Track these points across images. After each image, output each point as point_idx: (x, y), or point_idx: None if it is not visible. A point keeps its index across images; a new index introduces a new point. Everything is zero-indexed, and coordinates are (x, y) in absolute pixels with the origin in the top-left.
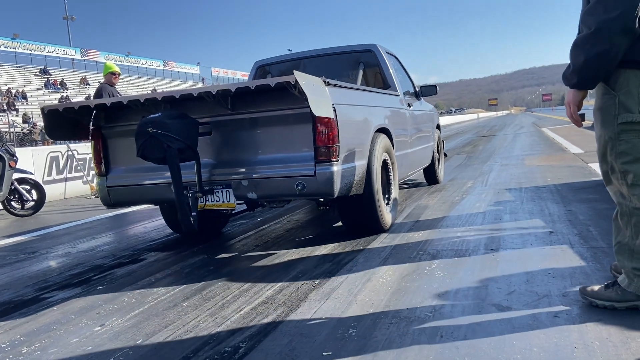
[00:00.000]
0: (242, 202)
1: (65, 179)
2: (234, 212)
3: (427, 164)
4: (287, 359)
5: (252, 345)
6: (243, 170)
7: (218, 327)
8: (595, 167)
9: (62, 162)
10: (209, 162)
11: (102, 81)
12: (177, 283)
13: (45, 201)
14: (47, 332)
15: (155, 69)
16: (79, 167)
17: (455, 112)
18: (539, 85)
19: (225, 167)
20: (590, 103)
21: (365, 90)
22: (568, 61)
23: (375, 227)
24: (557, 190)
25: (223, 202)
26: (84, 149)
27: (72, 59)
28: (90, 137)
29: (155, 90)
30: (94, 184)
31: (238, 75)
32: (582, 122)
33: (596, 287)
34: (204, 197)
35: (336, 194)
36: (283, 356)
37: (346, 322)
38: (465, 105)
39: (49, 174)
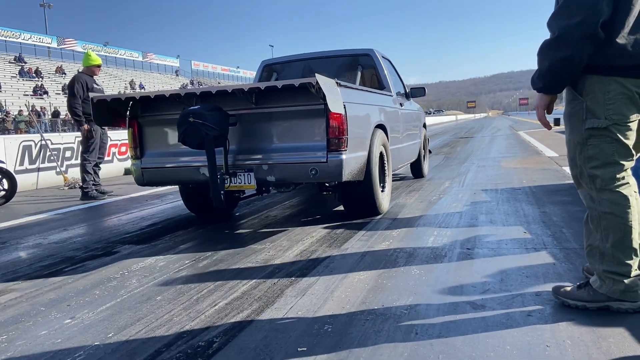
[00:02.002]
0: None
1: (38, 169)
2: (243, 195)
3: (414, 159)
4: (261, 354)
5: (227, 340)
6: (263, 156)
7: (192, 321)
8: (569, 170)
9: (35, 152)
10: (234, 148)
11: (81, 70)
12: (150, 276)
13: (17, 191)
14: (15, 324)
15: (133, 60)
16: (52, 157)
17: (434, 113)
18: (517, 89)
19: (247, 153)
20: (562, 108)
21: (367, 91)
22: None
23: (373, 210)
24: (532, 192)
25: (245, 183)
26: (58, 138)
27: (49, 47)
28: (127, 125)
29: (133, 81)
30: (70, 180)
31: (219, 69)
32: (552, 126)
33: (569, 288)
34: (229, 178)
35: (344, 179)
36: (258, 351)
37: (322, 318)
38: (444, 107)
39: (21, 164)
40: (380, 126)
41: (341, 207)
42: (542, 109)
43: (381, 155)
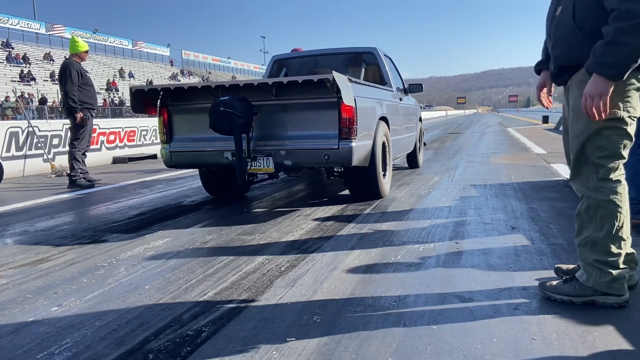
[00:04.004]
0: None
1: (25, 156)
2: (256, 179)
3: (410, 150)
4: (250, 344)
5: (215, 329)
6: (281, 143)
7: (180, 310)
8: (557, 167)
9: (22, 139)
10: (254, 135)
11: (68, 56)
12: (138, 266)
13: (3, 178)
14: (1, 311)
15: (123, 48)
16: (39, 145)
17: (424, 108)
18: (506, 86)
19: (267, 140)
20: (554, 106)
21: (373, 86)
22: (534, 64)
23: (376, 194)
24: (520, 188)
25: (264, 167)
26: (45, 126)
27: (37, 33)
28: (158, 113)
29: (122, 69)
30: (57, 167)
31: (209, 59)
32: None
33: (555, 282)
34: (250, 162)
35: (353, 164)
36: (246, 341)
37: (311, 309)
38: (435, 102)
39: (8, 150)
40: (383, 118)
41: (331, 200)
42: (607, 95)
43: (383, 145)
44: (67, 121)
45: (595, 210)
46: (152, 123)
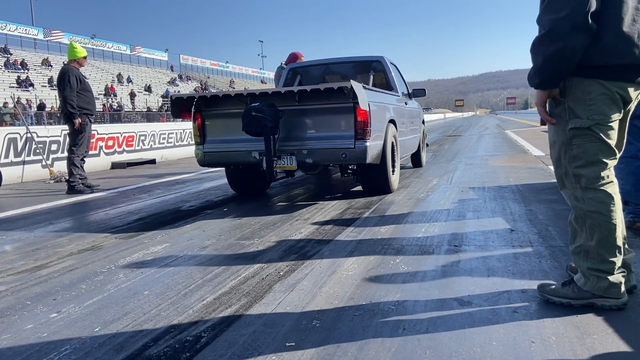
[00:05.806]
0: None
1: (24, 162)
2: (277, 177)
3: (415, 150)
4: (250, 349)
5: (215, 335)
6: (303, 143)
7: (180, 316)
8: (553, 170)
9: (20, 144)
10: (279, 137)
11: (65, 62)
12: (138, 271)
13: (2, 184)
14: (0, 318)
15: (121, 53)
16: (38, 151)
17: (423, 111)
18: (504, 88)
19: (290, 140)
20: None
21: (383, 92)
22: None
23: (386, 188)
24: (518, 191)
25: (287, 164)
26: (44, 131)
27: (35, 39)
28: (192, 117)
29: (120, 75)
30: (56, 173)
31: (208, 64)
32: (554, 121)
33: (553, 285)
34: (276, 160)
35: (367, 162)
36: (246, 346)
37: (310, 313)
38: (433, 105)
39: (6, 156)
40: (392, 121)
41: (330, 203)
42: (541, 105)
43: (392, 145)
44: (66, 127)
45: (584, 221)
46: (150, 128)
